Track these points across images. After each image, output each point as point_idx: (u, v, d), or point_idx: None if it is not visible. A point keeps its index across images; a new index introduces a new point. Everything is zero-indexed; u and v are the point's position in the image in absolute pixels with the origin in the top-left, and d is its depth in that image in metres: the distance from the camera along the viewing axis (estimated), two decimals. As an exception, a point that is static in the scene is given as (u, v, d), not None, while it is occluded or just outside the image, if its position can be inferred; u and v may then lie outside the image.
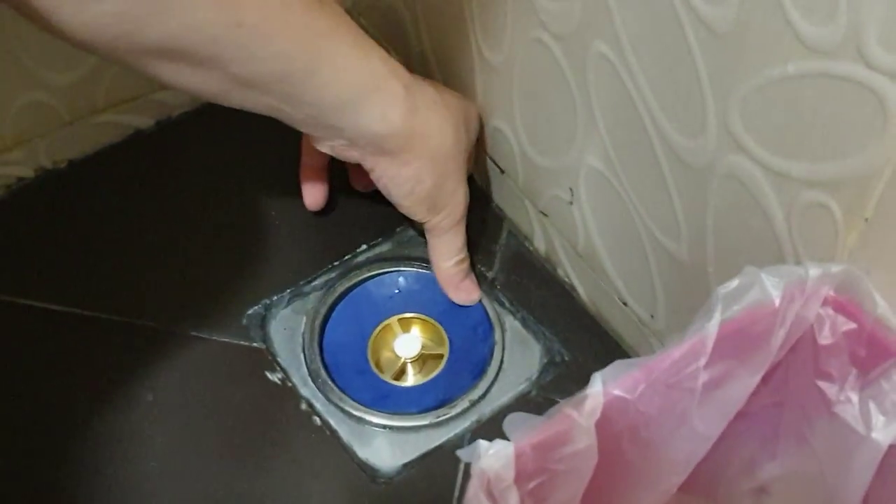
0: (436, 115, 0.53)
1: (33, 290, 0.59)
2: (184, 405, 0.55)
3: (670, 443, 0.39)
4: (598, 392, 0.36)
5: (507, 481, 0.34)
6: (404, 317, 0.60)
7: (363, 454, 0.54)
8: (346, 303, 0.60)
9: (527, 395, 0.57)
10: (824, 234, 0.40)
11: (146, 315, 0.58)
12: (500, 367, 0.58)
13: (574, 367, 0.58)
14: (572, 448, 0.35)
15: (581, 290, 0.60)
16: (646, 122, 0.47)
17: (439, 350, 0.59)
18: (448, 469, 0.54)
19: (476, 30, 0.57)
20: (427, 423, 0.55)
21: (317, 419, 0.55)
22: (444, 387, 0.57)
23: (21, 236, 0.62)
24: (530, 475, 0.35)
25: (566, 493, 0.36)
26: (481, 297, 0.60)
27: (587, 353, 0.58)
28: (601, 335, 0.59)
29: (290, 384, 0.56)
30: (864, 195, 0.37)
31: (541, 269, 0.62)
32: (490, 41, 0.57)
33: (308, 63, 0.47)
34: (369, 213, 0.63)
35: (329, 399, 0.56)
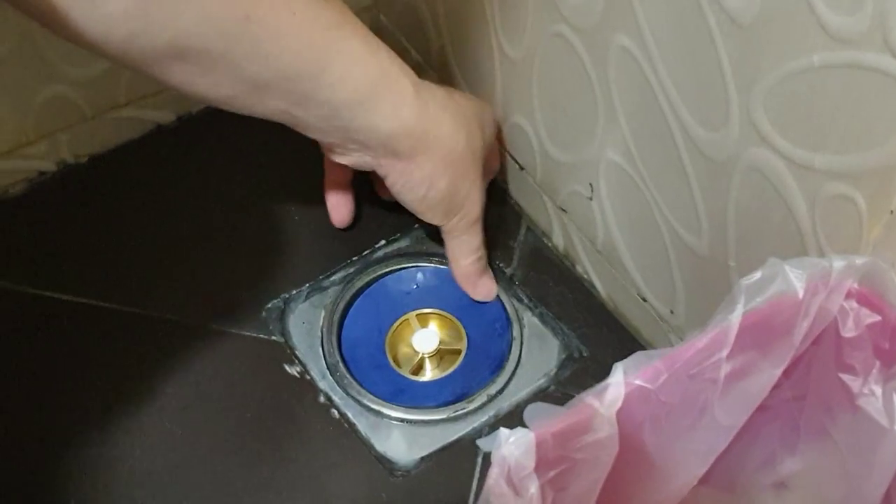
0: (446, 114, 0.53)
1: (54, 282, 0.59)
2: (203, 397, 0.55)
3: (691, 434, 0.39)
4: (619, 381, 0.36)
5: (527, 469, 0.34)
6: (422, 312, 0.60)
7: (381, 447, 0.54)
8: (364, 298, 0.60)
9: (545, 391, 0.57)
10: (848, 226, 0.39)
11: (166, 308, 0.58)
12: (518, 363, 0.57)
13: (592, 362, 0.57)
14: (593, 437, 0.35)
15: (599, 286, 0.60)
16: (667, 115, 0.47)
17: (457, 345, 0.59)
18: (465, 463, 0.54)
19: (496, 24, 0.57)
20: (445, 417, 0.55)
21: (335, 412, 0.55)
22: (462, 382, 0.57)
23: (43, 230, 0.62)
24: (551, 464, 0.35)
25: (586, 482, 0.36)
26: (499, 293, 0.60)
27: (605, 349, 0.58)
28: (619, 331, 0.59)
29: (308, 377, 0.56)
30: (888, 187, 0.37)
31: (559, 265, 0.62)
32: (510, 35, 0.57)
33: (319, 59, 0.47)
34: (388, 210, 0.63)
35: (347, 392, 0.56)
